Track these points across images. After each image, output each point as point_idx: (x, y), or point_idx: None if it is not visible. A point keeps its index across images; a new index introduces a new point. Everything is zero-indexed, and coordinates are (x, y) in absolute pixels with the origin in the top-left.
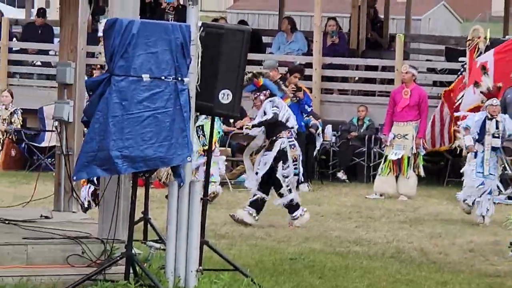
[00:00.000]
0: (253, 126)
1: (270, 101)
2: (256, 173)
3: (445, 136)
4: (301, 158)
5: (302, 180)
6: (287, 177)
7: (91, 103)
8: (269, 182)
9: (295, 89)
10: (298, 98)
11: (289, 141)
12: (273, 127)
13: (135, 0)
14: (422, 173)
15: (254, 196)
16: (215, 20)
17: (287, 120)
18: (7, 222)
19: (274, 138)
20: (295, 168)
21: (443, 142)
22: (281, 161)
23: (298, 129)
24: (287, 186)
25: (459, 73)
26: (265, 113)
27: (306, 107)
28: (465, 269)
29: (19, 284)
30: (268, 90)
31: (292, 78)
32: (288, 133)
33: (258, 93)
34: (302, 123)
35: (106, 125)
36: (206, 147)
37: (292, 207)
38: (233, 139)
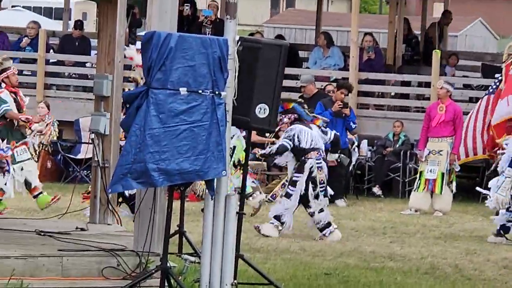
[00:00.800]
0: (262, 155)
1: (290, 129)
2: (289, 195)
3: (478, 144)
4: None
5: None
6: (316, 197)
7: (128, 115)
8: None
9: (341, 105)
10: (344, 115)
11: (316, 163)
12: (300, 149)
13: (173, 13)
14: (454, 189)
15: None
16: (252, 34)
17: (311, 144)
18: (42, 234)
19: (303, 159)
20: (322, 190)
21: (476, 151)
22: (311, 182)
23: (342, 146)
24: (318, 206)
25: (487, 91)
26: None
27: (352, 124)
28: (500, 285)
29: None
30: (294, 114)
31: (338, 94)
32: (317, 153)
33: (283, 116)
34: (346, 139)
35: (143, 138)
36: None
37: (322, 226)
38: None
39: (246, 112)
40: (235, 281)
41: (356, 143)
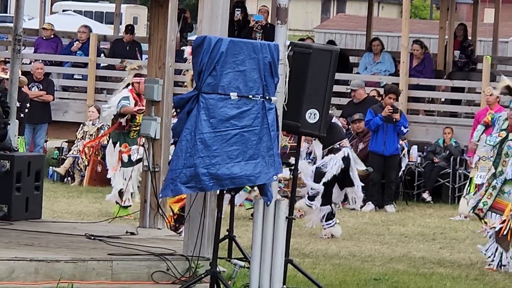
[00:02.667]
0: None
1: None
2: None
3: None
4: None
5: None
6: None
7: (179, 120)
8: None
9: (391, 110)
10: (394, 119)
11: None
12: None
13: (224, 18)
14: None
15: (321, 212)
16: (302, 39)
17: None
18: (92, 238)
19: (338, 145)
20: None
21: None
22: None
23: (393, 152)
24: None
25: None
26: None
27: (403, 128)
28: None
29: None
30: None
31: (387, 98)
32: (349, 143)
33: None
34: (398, 145)
35: (194, 143)
36: None
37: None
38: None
39: (296, 117)
40: (284, 286)
41: (406, 149)
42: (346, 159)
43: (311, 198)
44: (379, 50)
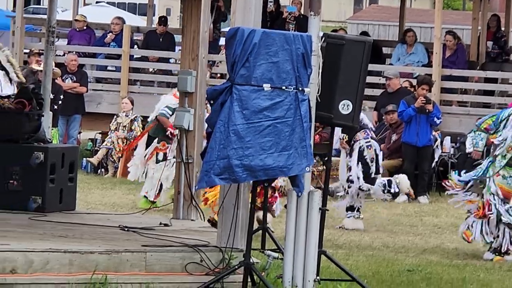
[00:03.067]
0: None
1: None
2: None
3: None
4: (380, 155)
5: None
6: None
7: (213, 112)
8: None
9: (424, 101)
10: (427, 110)
11: (365, 142)
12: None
13: (257, 9)
14: None
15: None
16: (335, 30)
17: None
18: (126, 229)
19: (352, 142)
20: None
21: None
22: (361, 163)
23: (426, 143)
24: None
25: None
26: None
27: (436, 119)
28: None
29: None
30: None
31: (420, 89)
32: (364, 133)
33: None
34: (431, 136)
35: (227, 134)
36: None
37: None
38: None
39: (329, 108)
40: (318, 277)
41: (439, 140)
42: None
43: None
44: (412, 41)
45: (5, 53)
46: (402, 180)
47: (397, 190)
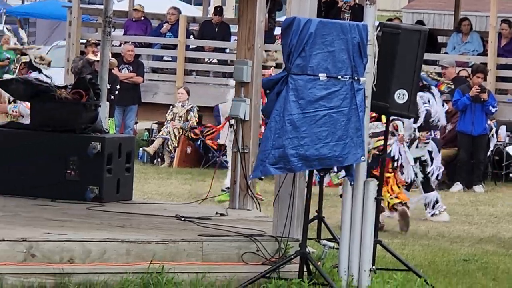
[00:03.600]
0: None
1: (420, 96)
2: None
3: None
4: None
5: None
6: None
7: (269, 101)
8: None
9: (479, 90)
10: (482, 99)
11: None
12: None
13: None
14: None
15: (427, 199)
16: (390, 19)
17: (438, 120)
18: (183, 219)
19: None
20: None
21: None
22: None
23: (482, 132)
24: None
25: None
26: None
27: (491, 108)
28: None
29: (194, 280)
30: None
31: (475, 78)
32: (427, 133)
33: None
34: (486, 125)
35: (283, 124)
36: None
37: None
38: None
39: (385, 97)
40: (374, 266)
41: (494, 129)
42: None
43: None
44: (468, 30)
45: (33, 52)
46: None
47: (437, 212)
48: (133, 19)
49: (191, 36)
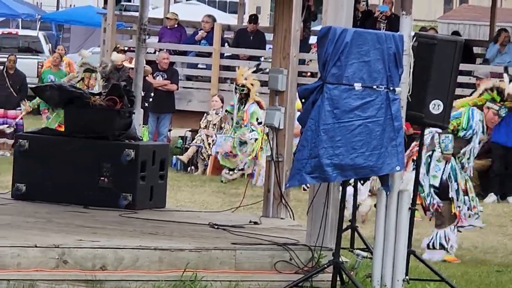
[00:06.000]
0: None
1: None
2: None
3: None
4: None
5: None
6: None
7: (304, 111)
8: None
9: None
10: None
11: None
12: None
13: (348, 8)
14: None
15: None
16: (424, 29)
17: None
18: (216, 227)
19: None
20: None
21: None
22: None
23: None
24: None
25: None
26: None
27: None
28: None
29: None
30: None
31: (510, 87)
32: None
33: None
34: None
35: (318, 133)
36: None
37: None
38: None
39: (420, 108)
40: (407, 277)
41: None
42: None
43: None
44: (507, 41)
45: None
46: (364, 204)
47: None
48: (168, 27)
49: (226, 44)
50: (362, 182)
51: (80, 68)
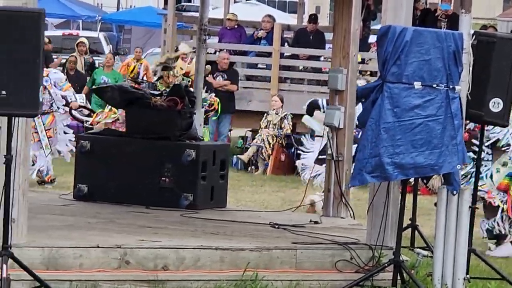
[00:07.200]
0: None
1: None
2: None
3: None
4: None
5: None
6: None
7: (364, 110)
8: None
9: None
10: None
11: None
12: None
13: (408, 7)
14: None
15: None
16: (484, 27)
17: None
18: (277, 226)
19: None
20: None
21: None
22: None
23: None
24: None
25: None
26: None
27: None
28: None
29: None
30: None
31: None
32: None
33: None
34: None
35: (378, 132)
36: None
37: None
38: None
39: (479, 106)
40: (467, 275)
41: None
42: None
43: None
44: None
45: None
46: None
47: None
48: (228, 27)
49: (286, 44)
50: (425, 181)
51: (157, 67)
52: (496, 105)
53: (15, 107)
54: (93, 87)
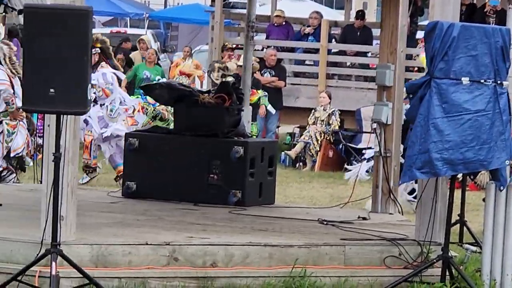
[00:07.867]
0: None
1: None
2: None
3: None
4: None
5: None
6: None
7: (412, 106)
8: None
9: None
10: None
11: None
12: None
13: (456, 2)
14: None
15: None
16: None
17: None
18: (325, 223)
19: None
20: None
21: None
22: None
23: None
24: None
25: None
26: None
27: None
28: None
29: (336, 284)
30: None
31: None
32: None
33: None
34: None
35: (427, 128)
36: None
37: None
38: None
39: None
40: None
41: None
42: None
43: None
44: None
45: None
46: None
47: None
48: (275, 24)
49: (333, 40)
50: (471, 177)
51: (218, 73)
52: None
53: (63, 105)
54: (142, 84)
